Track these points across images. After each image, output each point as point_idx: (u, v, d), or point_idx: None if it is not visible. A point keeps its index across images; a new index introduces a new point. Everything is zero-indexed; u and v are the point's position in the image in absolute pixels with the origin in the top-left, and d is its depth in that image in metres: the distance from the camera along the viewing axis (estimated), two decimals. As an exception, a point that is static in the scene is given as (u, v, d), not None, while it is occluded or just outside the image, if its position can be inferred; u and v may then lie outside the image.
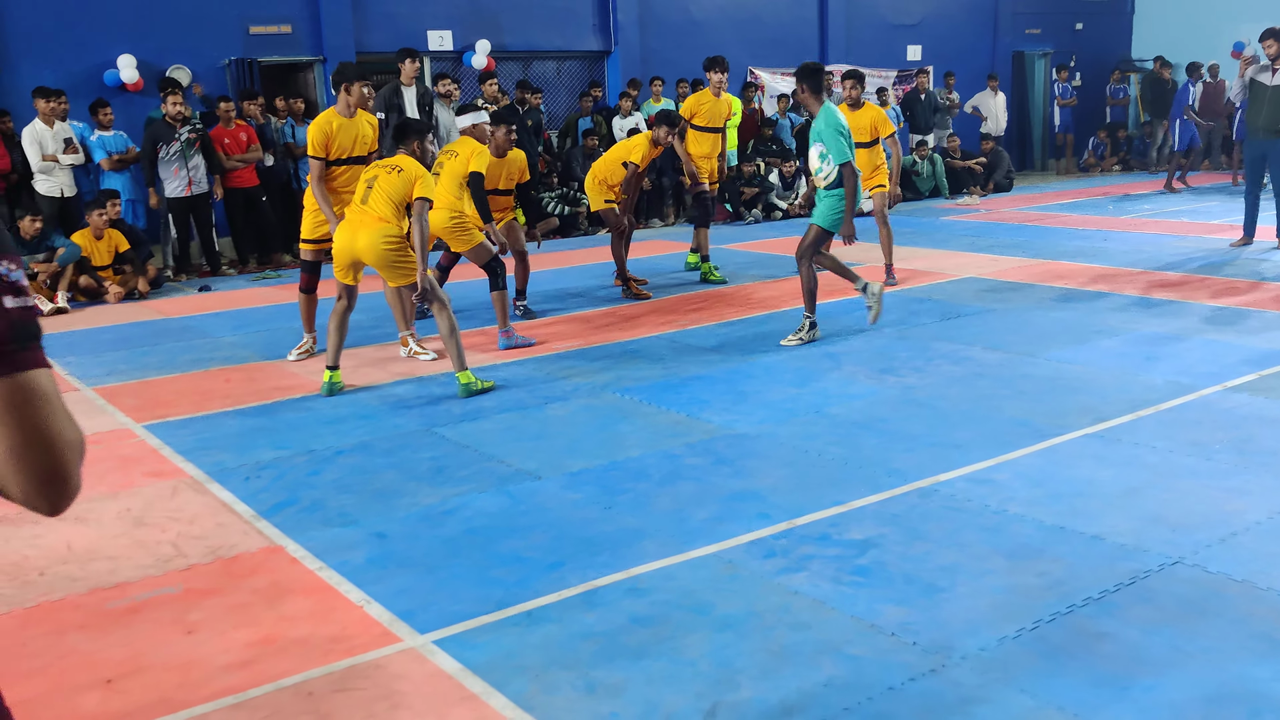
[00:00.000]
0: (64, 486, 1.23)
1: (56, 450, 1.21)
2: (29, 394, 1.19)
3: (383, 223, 6.22)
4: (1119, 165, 19.77)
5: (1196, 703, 2.94)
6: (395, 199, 6.24)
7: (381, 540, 4.26)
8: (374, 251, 6.22)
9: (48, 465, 1.21)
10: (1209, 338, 6.97)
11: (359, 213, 6.27)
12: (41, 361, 1.21)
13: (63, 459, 1.22)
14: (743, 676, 3.15)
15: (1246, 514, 4.18)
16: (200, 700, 3.14)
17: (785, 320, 7.97)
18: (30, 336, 1.20)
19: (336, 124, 6.94)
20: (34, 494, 1.22)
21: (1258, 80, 10.15)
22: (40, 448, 1.20)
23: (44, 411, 1.20)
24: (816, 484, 4.68)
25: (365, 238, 6.20)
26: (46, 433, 1.20)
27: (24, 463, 1.20)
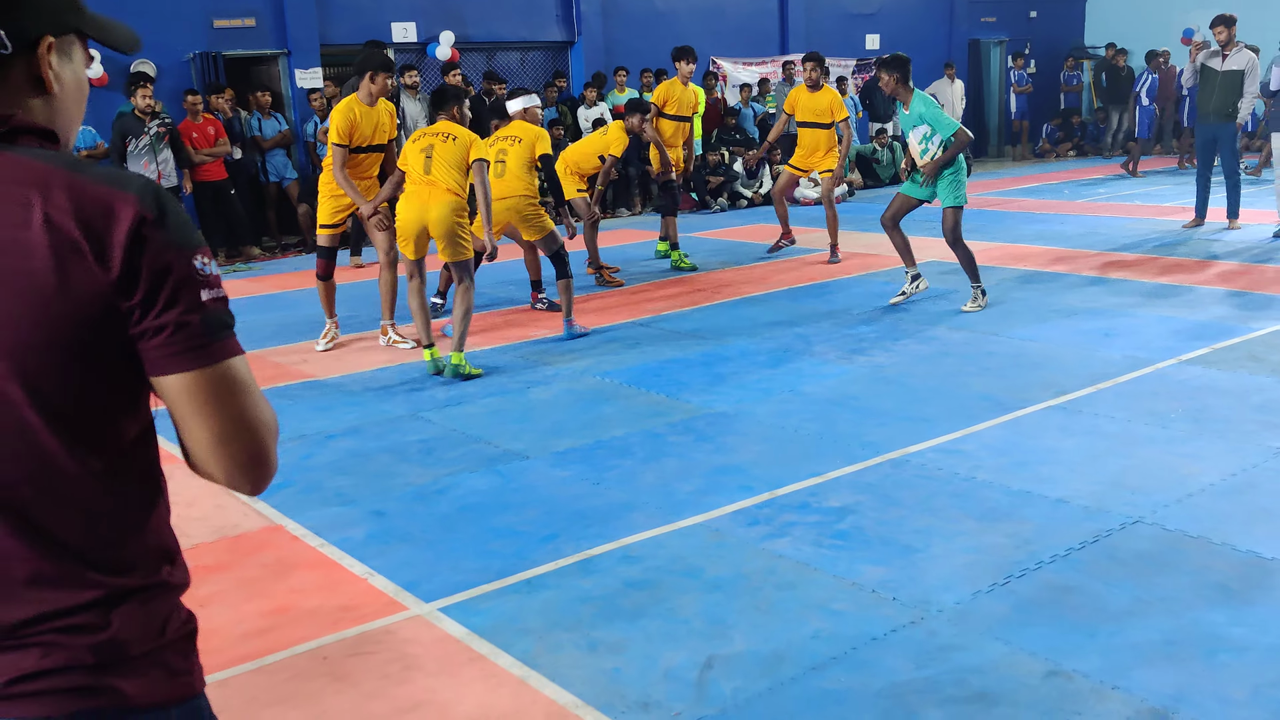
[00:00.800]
0: (265, 468, 1.34)
1: (258, 435, 1.31)
2: (229, 382, 1.28)
3: (451, 194, 6.32)
4: (1073, 150, 20.17)
5: (1157, 645, 3.17)
6: (457, 166, 6.35)
7: (379, 518, 4.42)
8: (444, 224, 6.29)
9: (250, 449, 1.31)
10: (1164, 314, 7.26)
11: (425, 185, 6.33)
12: (236, 349, 1.31)
13: (264, 443, 1.32)
14: (735, 631, 3.35)
15: (1202, 476, 4.44)
16: (221, 666, 3.29)
17: (756, 305, 8.18)
18: (225, 326, 1.29)
19: (359, 111, 6.97)
20: (237, 475, 1.32)
21: (1208, 66, 10.49)
22: (243, 434, 1.30)
23: (243, 398, 1.30)
24: (795, 457, 4.89)
25: (436, 209, 6.29)
26: (247, 419, 1.30)
27: (229, 448, 1.30)
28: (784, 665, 3.15)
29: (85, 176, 1.26)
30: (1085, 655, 3.13)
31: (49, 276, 1.21)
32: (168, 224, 1.27)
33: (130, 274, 1.24)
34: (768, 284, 9.03)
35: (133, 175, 1.31)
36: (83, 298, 1.22)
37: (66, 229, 1.21)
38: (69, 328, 1.22)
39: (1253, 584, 3.52)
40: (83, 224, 1.22)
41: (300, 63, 13.50)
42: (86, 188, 1.25)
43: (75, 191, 1.23)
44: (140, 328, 1.26)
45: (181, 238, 1.28)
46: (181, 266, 1.27)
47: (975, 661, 3.12)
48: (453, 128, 6.44)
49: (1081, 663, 3.09)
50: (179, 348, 1.27)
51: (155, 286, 1.25)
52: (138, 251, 1.24)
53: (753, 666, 3.16)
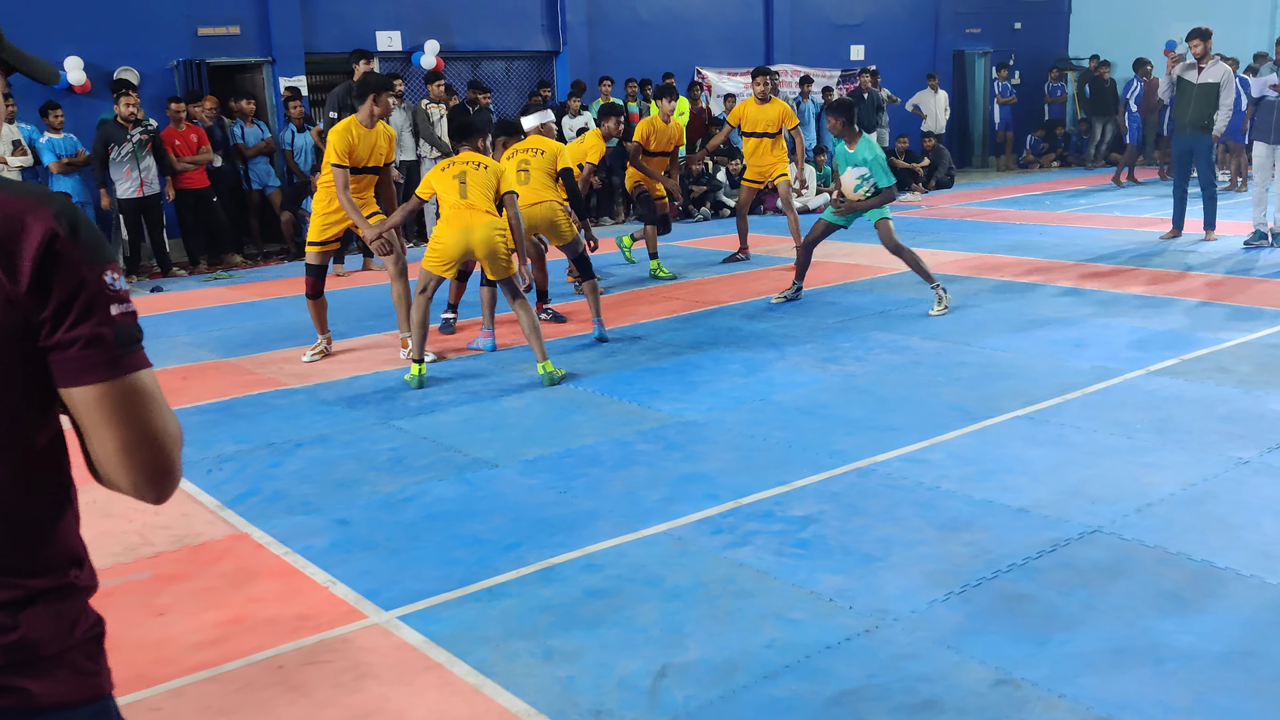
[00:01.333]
0: (169, 477, 1.36)
1: (163, 445, 1.34)
2: (136, 394, 1.31)
3: (490, 216, 6.37)
4: (1057, 161, 20.27)
5: (1105, 654, 3.20)
6: (489, 193, 6.41)
7: (344, 526, 4.43)
8: (488, 244, 6.33)
9: (155, 460, 1.33)
10: (1135, 324, 7.30)
11: (464, 209, 6.35)
12: (144, 362, 1.33)
13: (168, 453, 1.35)
14: (690, 640, 3.37)
15: (1162, 486, 4.47)
16: (174, 675, 3.30)
17: (732, 314, 8.21)
18: (134, 340, 1.32)
19: (357, 133, 6.85)
20: (143, 485, 1.35)
21: (1184, 78, 10.60)
22: (148, 444, 1.32)
23: (150, 410, 1.32)
24: (762, 466, 4.91)
25: (479, 232, 6.31)
26: (153, 430, 1.32)
27: (134, 458, 1.32)
28: (737, 673, 3.17)
29: (2, 192, 1.28)
30: (1034, 663, 3.15)
31: None
32: (80, 239, 1.30)
33: (41, 288, 1.26)
34: (746, 293, 9.06)
35: (47, 191, 1.33)
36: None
37: None
38: None
39: (1204, 593, 3.54)
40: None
41: (285, 71, 13.51)
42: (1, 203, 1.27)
43: None
44: (51, 340, 1.28)
45: (93, 253, 1.31)
46: (93, 281, 1.30)
47: (925, 670, 3.14)
48: (480, 157, 6.51)
49: (1030, 671, 3.11)
50: (89, 361, 1.29)
51: (67, 301, 1.28)
52: (49, 266, 1.27)
53: (705, 675, 3.17)
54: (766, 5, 17.79)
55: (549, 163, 7.46)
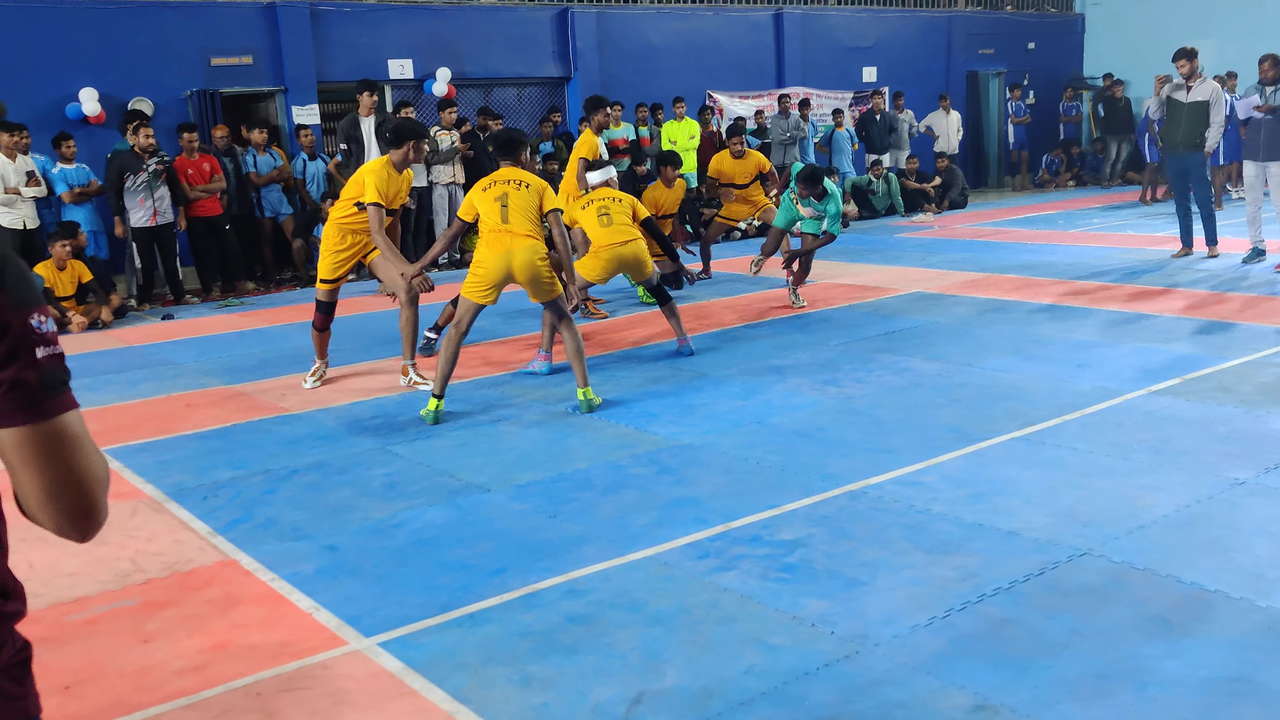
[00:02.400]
0: (92, 519, 1.37)
1: (86, 488, 1.35)
2: (61, 438, 1.32)
3: (532, 239, 6.24)
4: (1073, 181, 20.20)
5: (1088, 679, 3.15)
6: (532, 214, 6.28)
7: (332, 552, 4.43)
8: (530, 269, 6.22)
9: (79, 502, 1.35)
10: (1139, 344, 7.24)
11: (505, 234, 6.22)
12: (70, 404, 1.34)
13: (92, 495, 1.36)
14: (669, 666, 3.34)
15: (1156, 508, 4.42)
16: (154, 702, 3.30)
17: (734, 336, 8.19)
18: (60, 383, 1.33)
19: (388, 174, 6.84)
20: (67, 526, 1.36)
21: (1173, 98, 10.71)
22: (72, 487, 1.34)
23: (74, 453, 1.34)
24: (753, 489, 4.89)
25: (521, 256, 6.19)
26: (78, 473, 1.34)
27: (58, 501, 1.34)
28: (712, 700, 3.14)
29: None
30: (1015, 689, 3.11)
31: None
32: (5, 282, 1.31)
33: None
34: (748, 315, 9.05)
35: None
36: None
37: None
38: None
39: (1192, 616, 3.49)
40: None
41: (297, 99, 13.66)
42: None
43: None
44: None
45: (18, 296, 1.32)
46: (17, 325, 1.31)
47: (903, 696, 3.11)
48: (523, 174, 6.37)
49: (1010, 697, 3.07)
50: (14, 404, 1.31)
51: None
52: None
53: (681, 702, 3.15)
54: (777, 28, 17.86)
55: (629, 209, 7.74)
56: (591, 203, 7.77)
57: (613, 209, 7.67)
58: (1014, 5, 21.57)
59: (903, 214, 16.59)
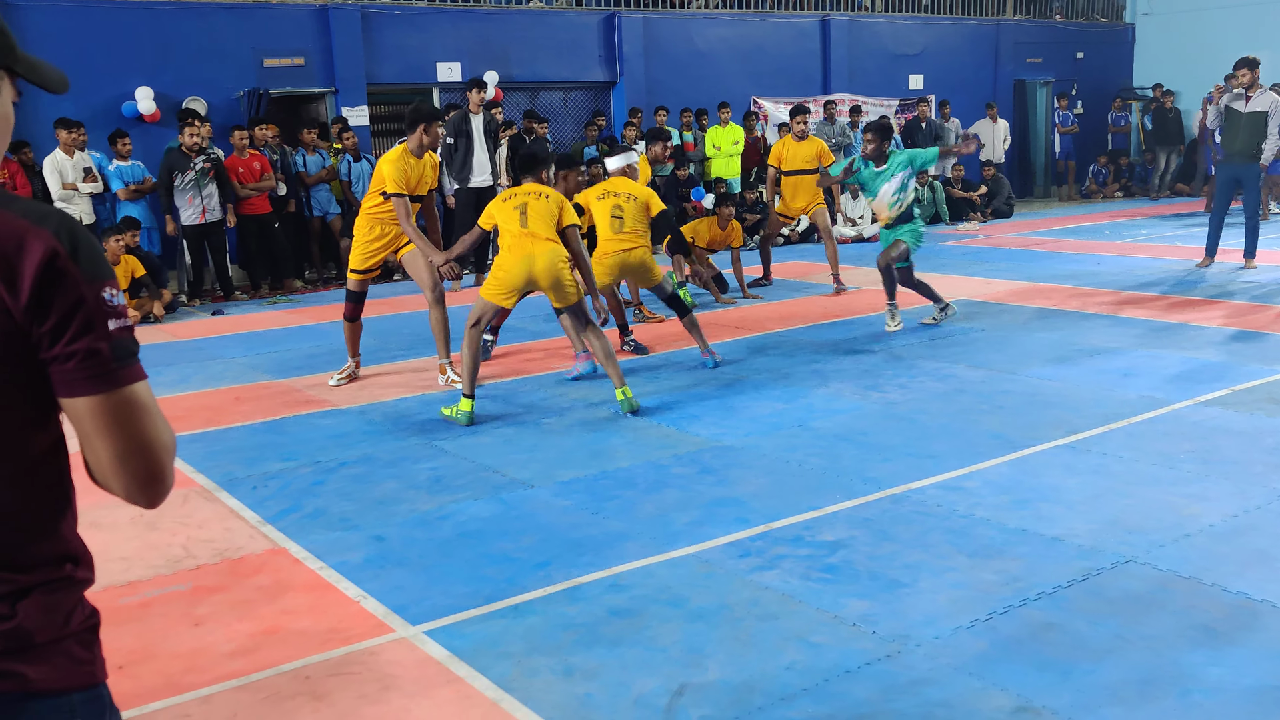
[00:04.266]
0: (160, 485, 1.44)
1: (155, 454, 1.41)
2: (131, 406, 1.39)
3: (552, 243, 6.28)
4: (1120, 191, 20.01)
5: (1132, 684, 3.15)
6: (551, 222, 6.32)
7: (379, 542, 4.50)
8: (551, 273, 6.25)
9: (147, 468, 1.41)
10: (1186, 354, 7.18)
11: (526, 238, 6.26)
12: (140, 375, 1.41)
13: (160, 462, 1.42)
14: (710, 661, 3.37)
15: (1202, 517, 4.39)
16: (205, 684, 3.38)
17: (777, 339, 8.21)
18: (130, 353, 1.40)
19: (410, 162, 6.90)
20: (136, 491, 1.42)
21: (1232, 107, 10.63)
22: (141, 453, 1.40)
23: (144, 420, 1.40)
24: (795, 491, 4.90)
25: (543, 260, 6.23)
26: (146, 440, 1.40)
27: (127, 466, 1.40)
28: (754, 695, 3.17)
29: (6, 210, 1.36)
30: (1057, 692, 3.11)
31: None
32: (79, 257, 1.37)
33: (41, 303, 1.34)
34: (792, 319, 9.06)
35: (51, 210, 1.41)
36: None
37: None
38: None
39: (1238, 625, 3.47)
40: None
41: (347, 101, 13.82)
42: (3, 221, 1.35)
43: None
44: (51, 353, 1.36)
45: (92, 271, 1.38)
46: (91, 298, 1.37)
47: (944, 695, 3.12)
48: (545, 188, 6.44)
49: (1052, 699, 3.07)
50: (87, 373, 1.36)
51: (66, 316, 1.35)
52: (49, 283, 1.34)
53: (723, 696, 3.18)
54: (824, 35, 17.84)
55: (642, 209, 7.47)
56: (606, 195, 7.50)
57: (627, 209, 7.41)
58: (1063, 14, 21.40)
59: (948, 222, 16.51)
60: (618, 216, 7.40)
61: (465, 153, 11.79)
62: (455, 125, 11.73)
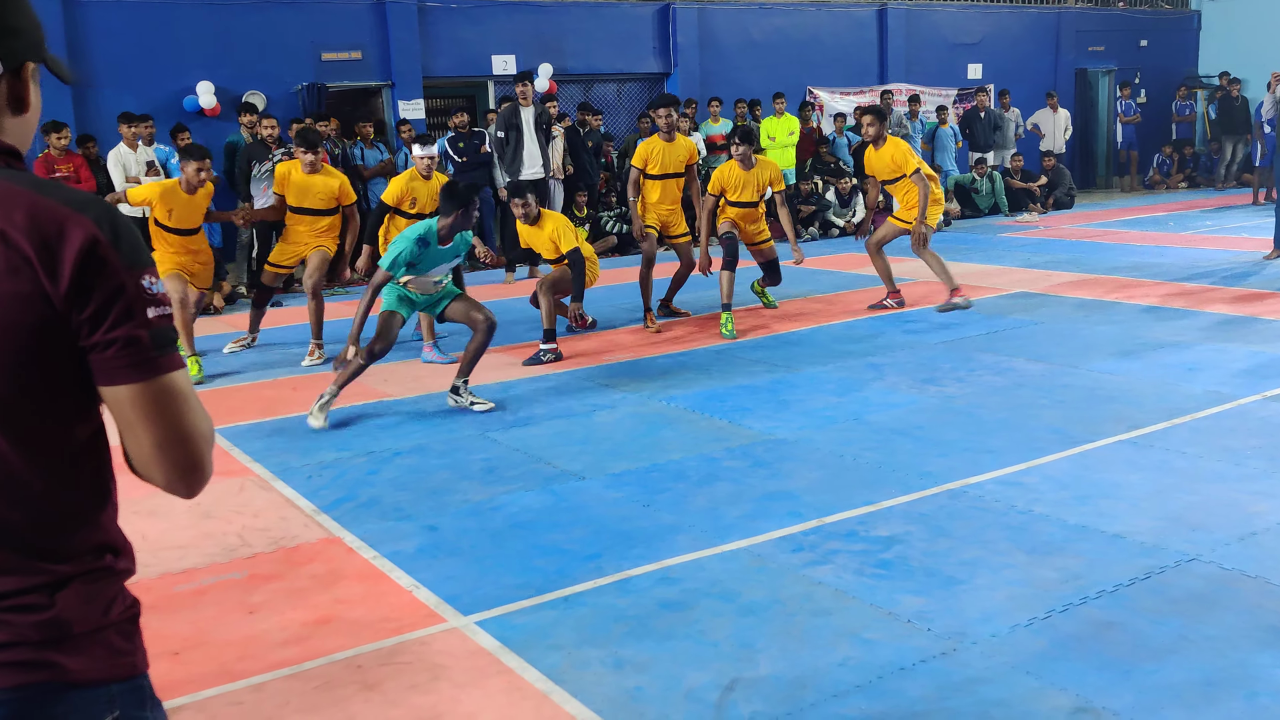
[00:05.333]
0: (199, 474, 1.43)
1: (193, 443, 1.41)
2: (170, 394, 1.38)
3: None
4: (1185, 182, 19.57)
5: (1196, 685, 3.06)
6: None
7: (432, 532, 4.52)
8: None
9: (186, 457, 1.41)
10: (1251, 348, 6.99)
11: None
12: (178, 363, 1.40)
13: (199, 451, 1.42)
14: (762, 656, 3.34)
15: (1269, 515, 4.27)
16: (258, 671, 3.41)
17: (832, 333, 8.13)
18: (169, 342, 1.39)
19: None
20: (175, 481, 1.42)
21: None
22: (180, 442, 1.39)
23: (183, 409, 1.39)
24: (849, 485, 4.85)
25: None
26: (185, 428, 1.40)
27: (167, 455, 1.39)
28: (806, 691, 3.13)
29: (48, 198, 1.36)
30: (1118, 693, 3.04)
31: (2, 288, 1.31)
32: (120, 245, 1.36)
33: (81, 290, 1.33)
34: (848, 313, 8.96)
35: (92, 197, 1.40)
36: (33, 310, 1.32)
37: (20, 246, 1.31)
38: (18, 336, 1.32)
39: (1308, 627, 3.37)
40: (37, 242, 1.31)
41: (404, 94, 13.91)
42: (45, 208, 1.34)
43: (34, 211, 1.33)
44: (90, 341, 1.35)
45: (132, 258, 1.37)
46: (131, 286, 1.36)
47: (1001, 695, 3.06)
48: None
49: (1112, 700, 3.00)
50: (126, 361, 1.36)
51: (106, 303, 1.34)
52: (90, 270, 1.33)
53: (775, 691, 3.14)
54: (881, 23, 17.63)
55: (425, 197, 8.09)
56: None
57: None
58: (1126, 2, 20.97)
59: (1007, 213, 16.25)
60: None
61: (516, 145, 11.81)
62: (506, 119, 11.74)
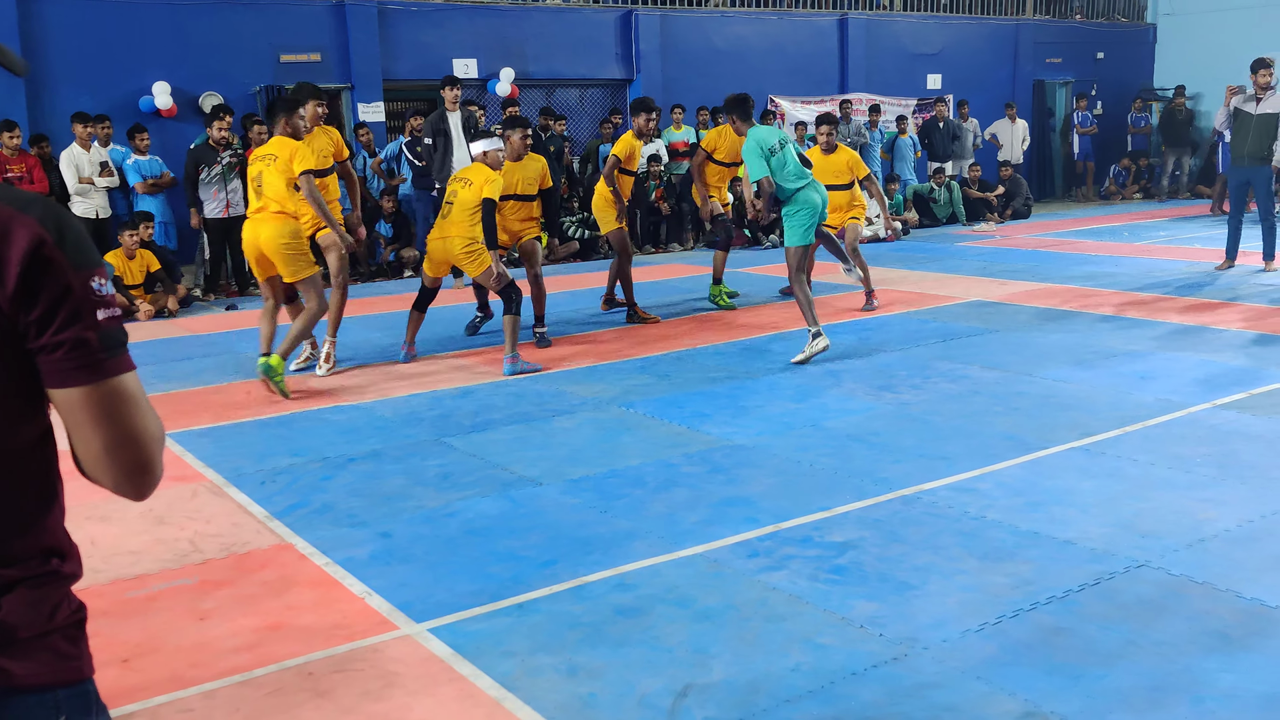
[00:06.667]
0: (149, 476, 1.41)
1: (143, 446, 1.39)
2: (119, 396, 1.36)
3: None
4: (1140, 193, 19.86)
5: (1143, 691, 3.10)
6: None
7: (385, 539, 4.48)
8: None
9: (136, 460, 1.39)
10: (1202, 357, 7.11)
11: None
12: (128, 365, 1.38)
13: (149, 452, 1.40)
14: (716, 662, 3.34)
15: (1217, 522, 4.33)
16: (209, 678, 3.37)
17: (791, 340, 8.15)
18: (119, 344, 1.37)
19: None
20: (124, 483, 1.40)
21: (1242, 109, 10.60)
22: (129, 444, 1.38)
23: (132, 411, 1.38)
24: (805, 491, 4.87)
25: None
26: (135, 431, 1.38)
27: (116, 458, 1.37)
28: (759, 697, 3.14)
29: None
30: (1066, 698, 3.07)
31: None
32: (66, 246, 1.34)
33: (28, 292, 1.31)
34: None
35: (36, 197, 1.38)
36: None
37: None
38: None
39: (1253, 631, 3.42)
40: None
41: (363, 97, 13.84)
42: None
43: None
44: (38, 343, 1.33)
45: (79, 259, 1.35)
46: (78, 287, 1.34)
47: (951, 700, 3.08)
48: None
49: (1061, 705, 3.03)
50: (75, 363, 1.34)
51: (53, 305, 1.32)
52: (36, 271, 1.31)
53: (728, 697, 3.15)
54: (842, 33, 17.77)
55: (474, 194, 7.43)
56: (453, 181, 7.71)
57: (460, 195, 7.50)
58: (1083, 14, 21.26)
59: (964, 223, 16.41)
60: (449, 202, 7.58)
61: (444, 151, 11.65)
62: (433, 124, 11.62)
